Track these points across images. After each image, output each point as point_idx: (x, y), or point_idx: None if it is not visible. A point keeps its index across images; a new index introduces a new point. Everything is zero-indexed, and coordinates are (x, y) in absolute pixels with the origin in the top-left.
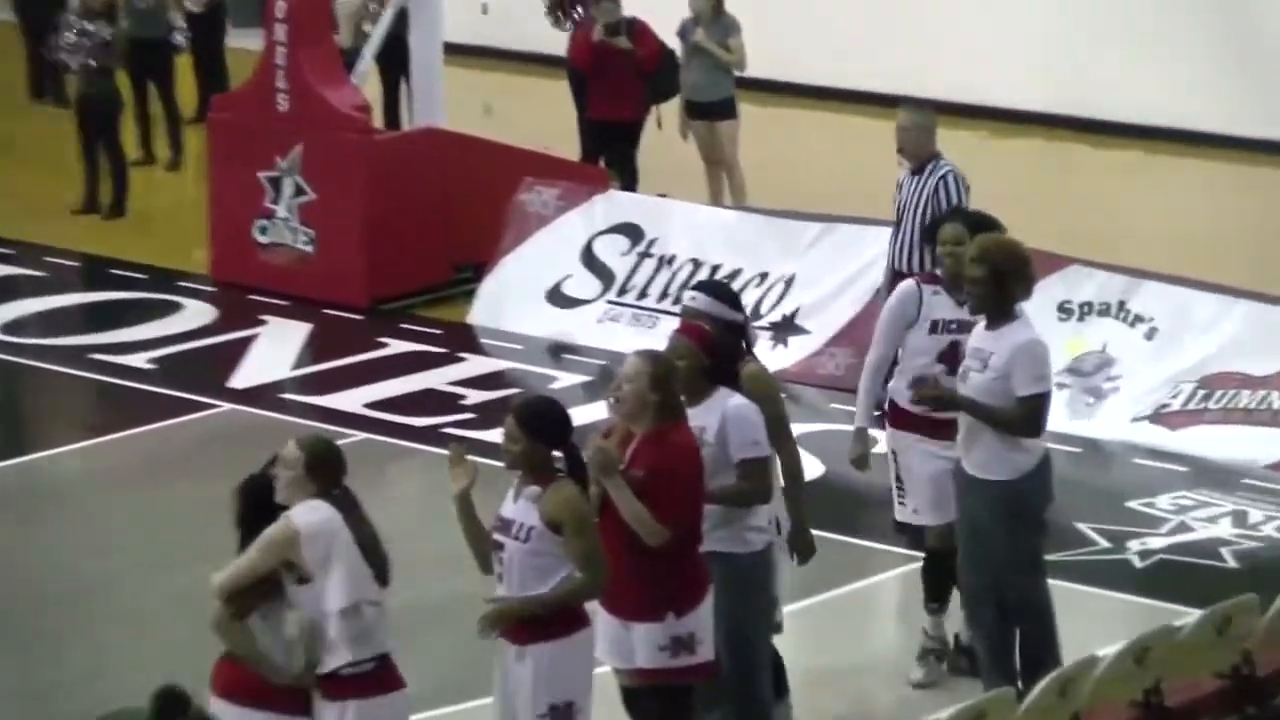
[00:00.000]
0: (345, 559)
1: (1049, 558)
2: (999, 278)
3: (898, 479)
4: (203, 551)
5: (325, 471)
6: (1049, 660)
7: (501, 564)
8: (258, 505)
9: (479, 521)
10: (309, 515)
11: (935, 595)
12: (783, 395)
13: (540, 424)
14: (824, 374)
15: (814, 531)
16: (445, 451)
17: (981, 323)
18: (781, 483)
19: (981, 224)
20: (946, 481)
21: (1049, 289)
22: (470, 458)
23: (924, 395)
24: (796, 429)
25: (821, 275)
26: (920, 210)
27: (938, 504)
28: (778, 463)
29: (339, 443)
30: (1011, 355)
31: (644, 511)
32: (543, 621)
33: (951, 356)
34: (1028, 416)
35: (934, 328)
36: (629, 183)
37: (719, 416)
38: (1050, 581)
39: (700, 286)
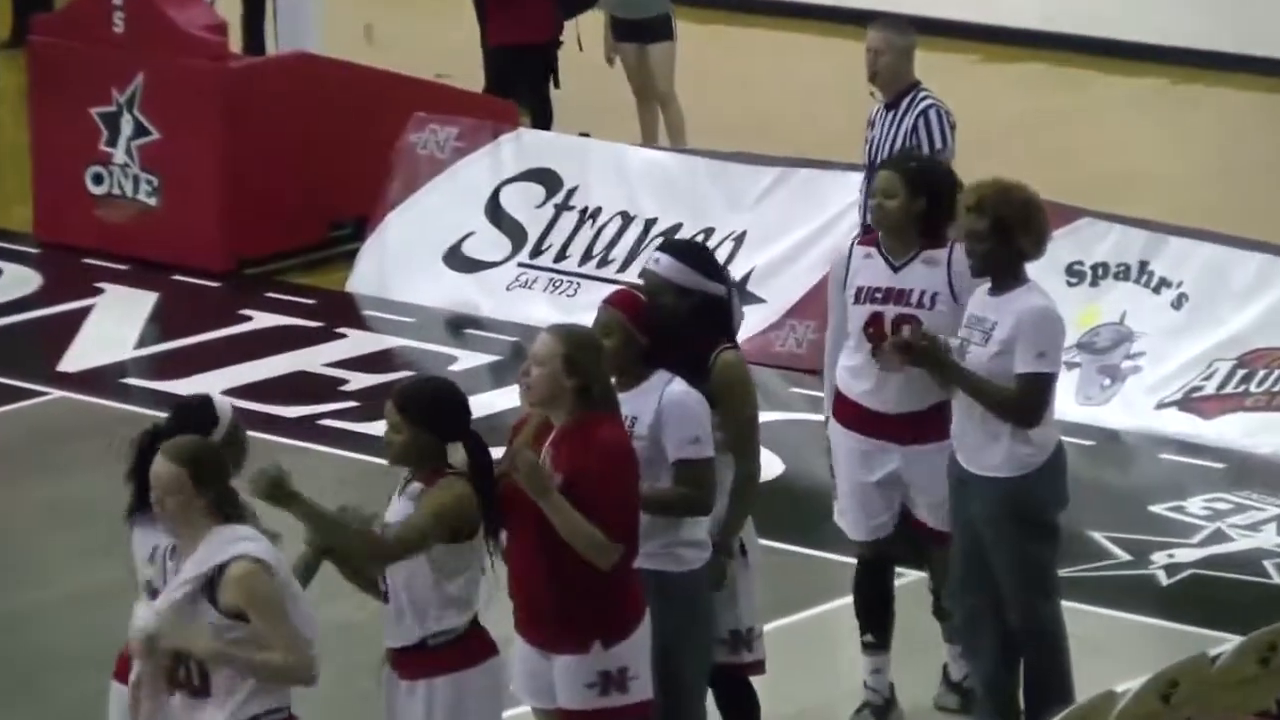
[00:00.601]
0: None
1: (1059, 573)
2: (1004, 231)
3: (832, 474)
4: (31, 568)
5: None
6: (1059, 696)
7: (385, 583)
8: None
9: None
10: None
11: (870, 624)
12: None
13: (427, 410)
14: (782, 351)
15: (772, 543)
16: (323, 448)
17: (984, 287)
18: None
19: (925, 173)
20: (872, 494)
21: (1056, 248)
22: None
23: (895, 344)
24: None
25: (777, 232)
26: (896, 150)
27: (859, 517)
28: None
29: None
30: (1017, 325)
31: (592, 531)
32: (436, 649)
33: (876, 331)
34: (1023, 400)
35: (857, 295)
36: (543, 119)
37: (654, 405)
38: (1062, 602)
39: (668, 247)
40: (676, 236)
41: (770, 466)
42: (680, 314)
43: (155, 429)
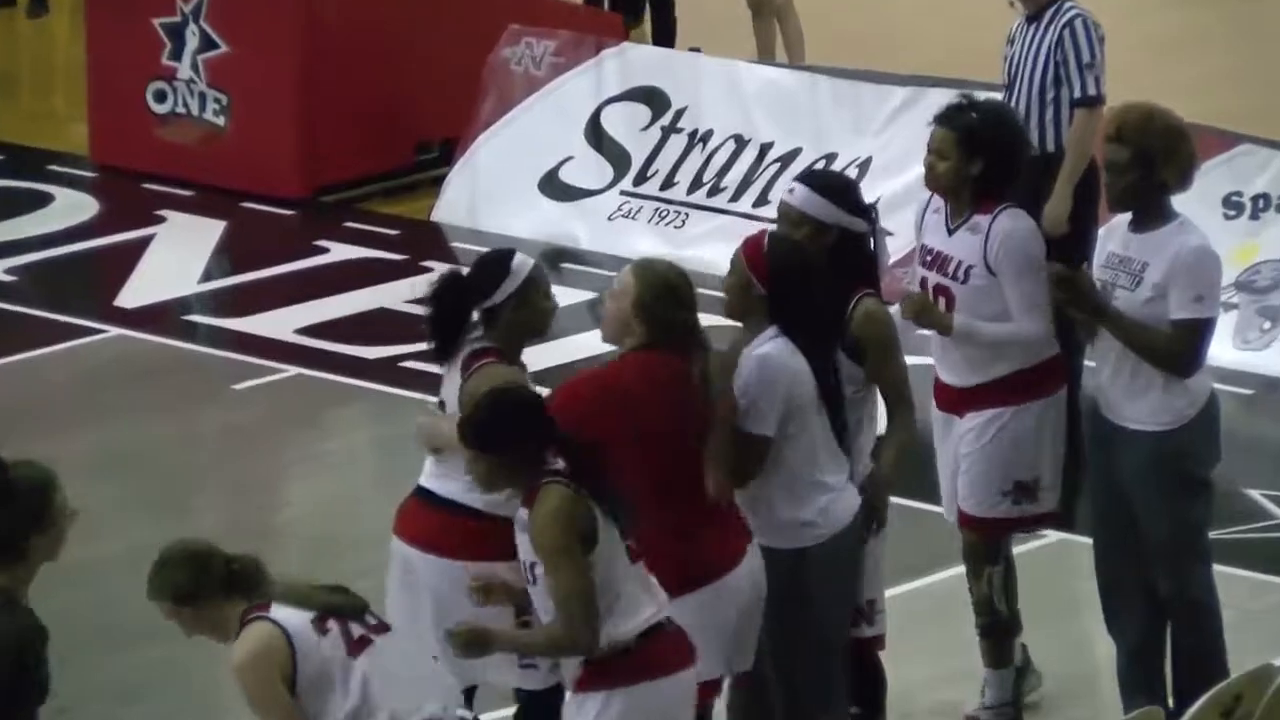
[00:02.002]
0: None
1: (1211, 535)
2: (1146, 162)
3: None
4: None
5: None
6: (1211, 671)
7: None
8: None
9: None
10: None
11: (991, 651)
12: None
13: (487, 433)
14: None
15: (907, 502)
16: (406, 393)
17: (1123, 223)
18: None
19: (985, 132)
20: (951, 475)
21: (1212, 178)
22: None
23: (1056, 275)
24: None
25: (906, 158)
26: (1039, 70)
27: (950, 497)
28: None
29: (262, 381)
30: (1173, 266)
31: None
32: (604, 663)
33: (922, 294)
34: (1181, 348)
35: (919, 253)
36: (657, 33)
37: (742, 367)
38: (1214, 568)
39: (806, 176)
40: (803, 163)
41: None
42: (812, 253)
43: (456, 275)
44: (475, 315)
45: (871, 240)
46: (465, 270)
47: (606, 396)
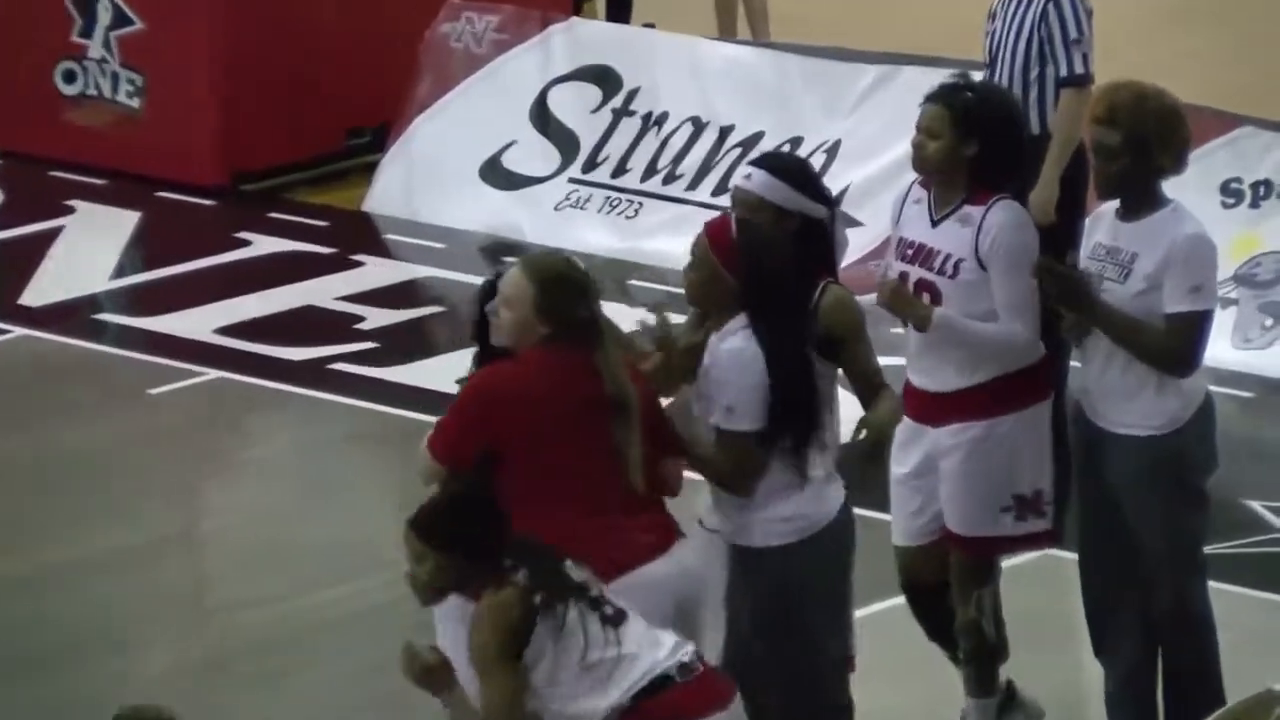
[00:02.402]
0: None
1: (1207, 549)
2: (1140, 146)
3: None
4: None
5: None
6: (1207, 695)
7: None
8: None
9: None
10: None
11: (975, 679)
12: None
13: (447, 529)
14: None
15: (866, 513)
16: (334, 397)
17: (1109, 211)
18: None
19: (981, 109)
20: (904, 486)
21: (1210, 163)
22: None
23: (1040, 266)
24: None
25: (878, 142)
26: (1022, 47)
27: (895, 514)
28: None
29: (180, 385)
30: (1168, 256)
31: None
32: None
33: None
34: (1179, 344)
35: (897, 248)
36: (611, 7)
37: (709, 360)
38: (1210, 584)
39: (763, 160)
40: (767, 148)
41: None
42: (781, 239)
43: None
44: None
45: (831, 227)
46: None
47: (493, 402)
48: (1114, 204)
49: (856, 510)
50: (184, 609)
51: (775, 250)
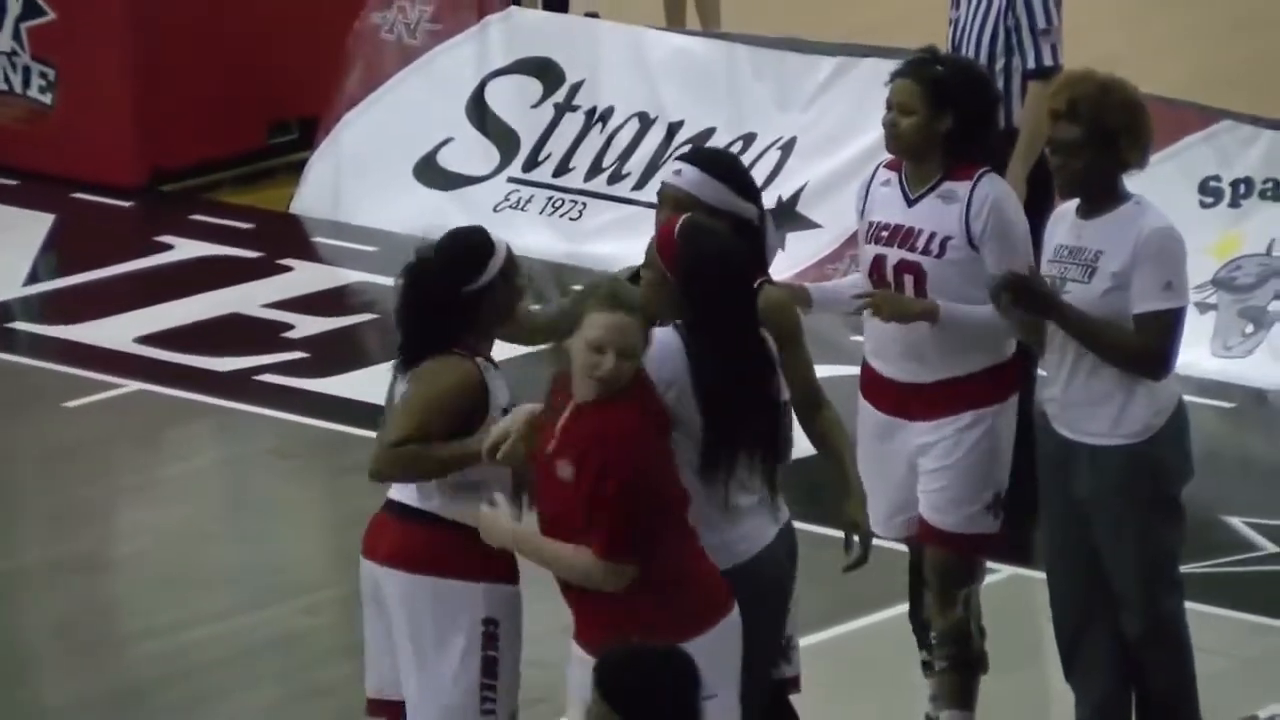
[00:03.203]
0: None
1: (1183, 569)
2: (1104, 140)
3: None
4: None
5: None
6: (1184, 718)
7: None
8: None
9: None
10: None
11: (923, 640)
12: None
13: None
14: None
15: (819, 529)
16: (260, 410)
17: (1069, 210)
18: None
19: (955, 82)
20: (889, 479)
21: (1188, 159)
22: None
23: (996, 285)
24: None
25: (836, 138)
26: (987, 37)
27: (875, 507)
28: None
29: (98, 397)
30: (1135, 252)
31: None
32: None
33: (879, 279)
34: (1154, 343)
35: (868, 232)
36: None
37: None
38: (1186, 605)
39: (692, 157)
40: (707, 144)
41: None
42: (729, 240)
43: (429, 257)
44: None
45: (762, 226)
46: (428, 252)
47: (646, 475)
48: (1074, 203)
49: (818, 529)
50: (94, 635)
51: (721, 251)
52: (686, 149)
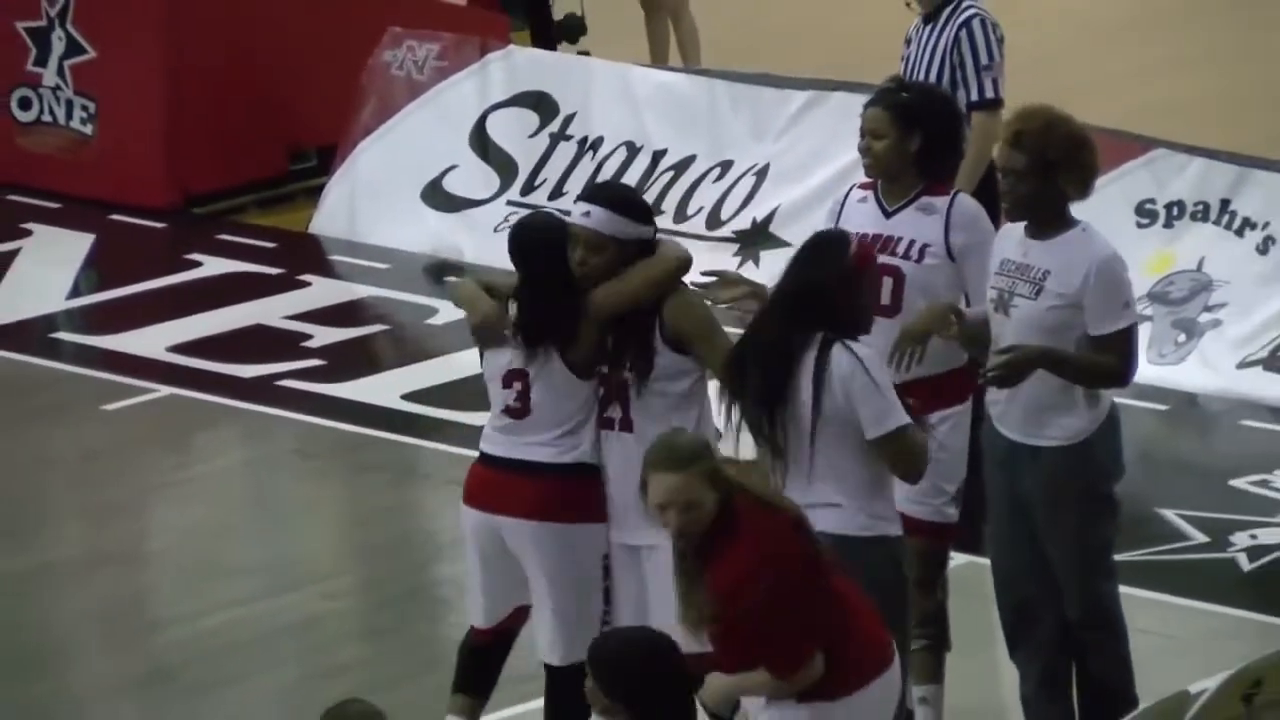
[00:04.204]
0: None
1: (1120, 557)
2: (1045, 170)
3: None
4: None
5: None
6: (1121, 698)
7: None
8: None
9: None
10: None
11: (935, 665)
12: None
13: (633, 680)
14: None
15: None
16: (282, 413)
17: (1017, 229)
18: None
19: (919, 106)
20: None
21: (1126, 183)
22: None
23: (995, 371)
24: None
25: (806, 165)
26: (934, 72)
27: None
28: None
29: (133, 401)
30: (1087, 276)
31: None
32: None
33: None
34: (1123, 358)
35: None
36: (540, 34)
37: None
38: (1121, 590)
39: (597, 197)
40: (698, 171)
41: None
42: (612, 273)
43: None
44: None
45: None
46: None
47: (793, 584)
48: (1022, 223)
49: None
50: (128, 622)
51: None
52: (671, 175)
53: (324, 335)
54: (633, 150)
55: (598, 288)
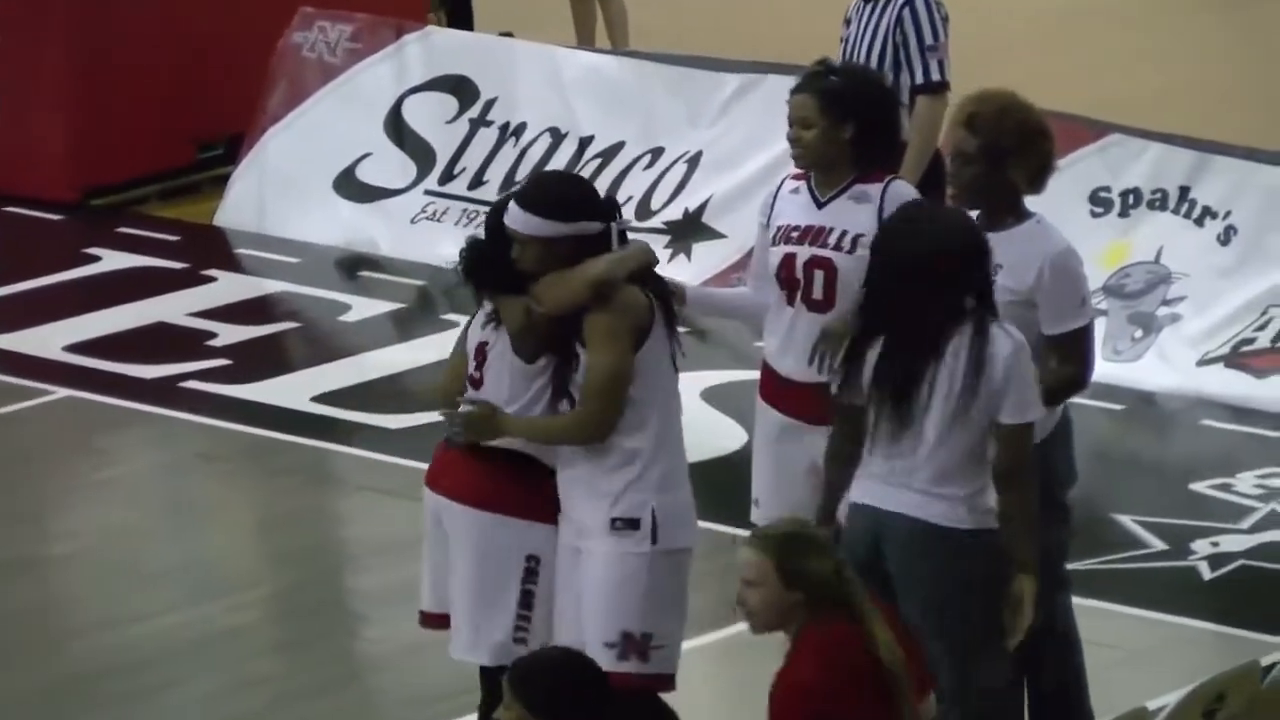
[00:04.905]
0: None
1: (1074, 566)
2: (995, 157)
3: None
4: None
5: None
6: (1077, 714)
7: None
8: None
9: None
10: None
11: None
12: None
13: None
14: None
15: (723, 529)
16: (186, 416)
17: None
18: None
19: (850, 91)
20: (787, 486)
21: (1080, 170)
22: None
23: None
24: (710, 377)
25: (740, 152)
26: (876, 54)
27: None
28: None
29: (28, 404)
30: (1041, 272)
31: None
32: None
33: (787, 277)
34: (1079, 366)
35: (775, 235)
36: (458, 15)
37: None
38: (1076, 600)
39: (522, 196)
40: (628, 158)
41: (731, 437)
42: (549, 269)
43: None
44: None
45: (608, 237)
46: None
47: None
48: (974, 213)
49: (705, 525)
50: (33, 633)
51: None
52: (599, 163)
53: (230, 334)
54: (558, 137)
55: (539, 280)
